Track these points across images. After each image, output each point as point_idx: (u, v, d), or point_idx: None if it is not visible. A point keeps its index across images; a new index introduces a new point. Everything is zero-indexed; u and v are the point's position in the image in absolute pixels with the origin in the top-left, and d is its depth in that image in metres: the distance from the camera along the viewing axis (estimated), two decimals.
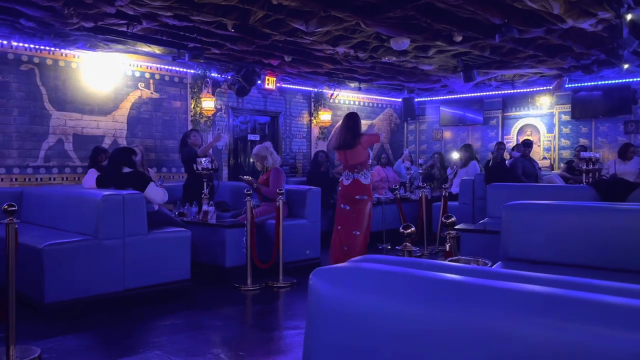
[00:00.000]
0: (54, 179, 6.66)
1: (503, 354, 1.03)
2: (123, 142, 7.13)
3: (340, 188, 5.16)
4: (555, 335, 0.98)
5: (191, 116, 7.88)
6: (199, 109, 7.90)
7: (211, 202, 5.56)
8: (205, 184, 5.50)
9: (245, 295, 4.81)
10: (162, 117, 7.63)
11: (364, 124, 10.84)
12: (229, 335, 3.77)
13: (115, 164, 4.80)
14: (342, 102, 10.45)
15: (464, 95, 10.68)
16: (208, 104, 7.92)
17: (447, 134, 11.37)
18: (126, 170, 4.78)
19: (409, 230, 2.34)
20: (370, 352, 1.19)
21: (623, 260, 2.91)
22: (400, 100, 11.21)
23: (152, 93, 7.51)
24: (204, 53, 6.79)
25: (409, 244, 2.41)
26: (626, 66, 7.43)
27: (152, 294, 4.45)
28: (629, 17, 4.89)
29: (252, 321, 4.27)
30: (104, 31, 5.86)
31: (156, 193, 4.83)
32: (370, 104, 11.07)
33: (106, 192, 4.32)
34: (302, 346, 1.34)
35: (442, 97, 11.10)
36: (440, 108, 11.23)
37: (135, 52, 6.97)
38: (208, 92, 7.95)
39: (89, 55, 6.84)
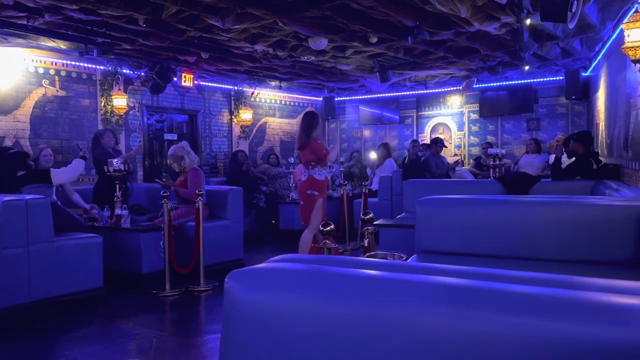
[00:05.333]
0: None
1: (416, 346, 1.05)
2: (26, 143, 6.62)
3: (298, 185, 5.48)
4: (462, 324, 1.02)
5: (101, 115, 7.48)
6: (110, 107, 7.51)
7: (124, 205, 5.30)
8: (117, 186, 5.23)
9: (164, 301, 4.64)
10: (70, 116, 7.17)
11: (289, 122, 10.86)
12: (147, 344, 3.62)
13: (9, 169, 4.58)
14: (263, 100, 10.39)
15: (382, 95, 10.99)
16: (120, 101, 7.55)
17: (367, 133, 11.64)
18: (20, 173, 4.60)
19: (328, 228, 2.36)
20: (287, 353, 1.18)
21: (527, 249, 3.11)
22: (321, 99, 11.33)
23: (57, 90, 7.03)
24: (114, 48, 6.45)
25: (329, 242, 2.44)
26: (527, 67, 7.98)
27: (61, 304, 4.17)
28: (528, 22, 5.25)
29: (171, 328, 4.12)
30: (1, 24, 5.40)
31: (64, 173, 4.83)
32: (292, 103, 11.09)
33: (7, 198, 3.98)
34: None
35: (361, 97, 11.36)
36: (360, 107, 11.48)
37: (38, 47, 6.49)
38: (120, 90, 7.58)
39: None
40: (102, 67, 7.45)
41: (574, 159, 5.46)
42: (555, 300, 1.02)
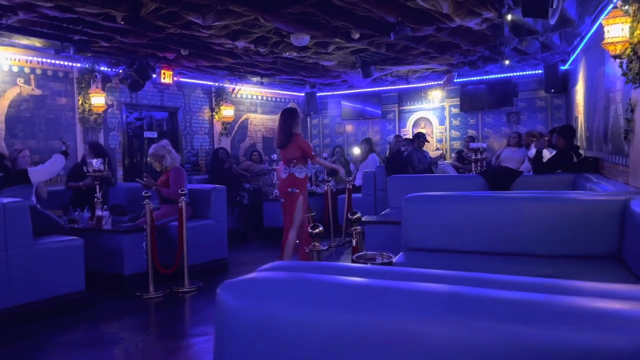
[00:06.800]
0: None
1: (407, 354, 1.04)
2: (1, 144, 6.46)
3: (278, 182, 5.36)
4: (454, 332, 1.01)
5: (79, 113, 7.33)
6: (87, 105, 7.36)
7: (105, 206, 5.20)
8: (97, 187, 5.14)
9: (148, 303, 4.57)
10: (46, 115, 7.01)
11: (271, 118, 10.76)
12: (133, 348, 3.57)
13: None
14: (244, 96, 10.30)
15: (364, 90, 10.98)
16: (98, 99, 7.40)
17: (349, 128, 11.64)
18: None
19: (317, 231, 2.34)
20: None
21: (513, 245, 3.14)
22: (303, 94, 11.28)
23: (33, 89, 6.86)
24: (91, 46, 6.32)
25: (317, 244, 2.42)
26: (507, 62, 8.04)
27: (43, 309, 4.09)
28: (509, 17, 5.27)
29: (157, 331, 4.07)
30: None
31: (42, 170, 4.73)
32: (274, 99, 11.02)
33: None
34: (212, 355, 1.29)
35: (343, 92, 11.34)
36: (342, 102, 11.46)
37: (12, 45, 6.33)
38: (97, 87, 7.43)
39: None
40: (79, 65, 7.30)
41: (554, 152, 5.53)
42: (547, 307, 1.02)
